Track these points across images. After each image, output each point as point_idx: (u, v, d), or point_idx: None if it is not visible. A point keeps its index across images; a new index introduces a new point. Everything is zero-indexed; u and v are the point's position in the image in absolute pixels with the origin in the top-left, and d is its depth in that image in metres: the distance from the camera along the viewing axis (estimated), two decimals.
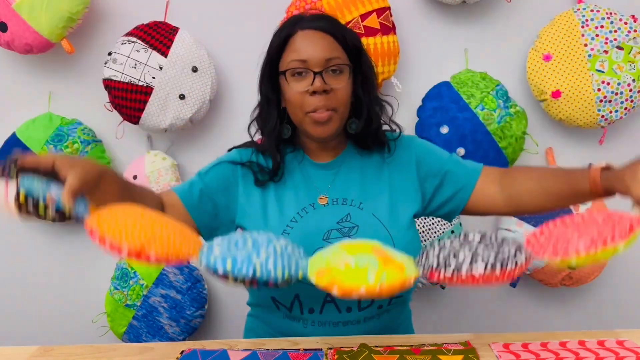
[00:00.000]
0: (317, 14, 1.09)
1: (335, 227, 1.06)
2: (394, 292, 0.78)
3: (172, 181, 1.67)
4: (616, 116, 1.62)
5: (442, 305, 1.85)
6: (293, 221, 1.06)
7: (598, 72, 1.58)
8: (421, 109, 1.66)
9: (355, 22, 1.56)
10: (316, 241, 1.03)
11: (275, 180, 1.10)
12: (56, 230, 1.81)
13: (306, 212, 1.07)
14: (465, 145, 1.58)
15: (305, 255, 0.86)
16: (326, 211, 1.08)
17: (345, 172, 1.12)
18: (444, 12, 1.70)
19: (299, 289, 1.02)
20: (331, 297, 1.03)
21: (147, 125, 1.61)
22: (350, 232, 1.05)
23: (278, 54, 1.06)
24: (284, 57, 1.05)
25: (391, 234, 1.05)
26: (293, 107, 1.05)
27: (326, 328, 1.05)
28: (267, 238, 0.85)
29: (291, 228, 1.05)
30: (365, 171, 1.12)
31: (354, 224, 1.06)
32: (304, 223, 1.06)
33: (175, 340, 1.67)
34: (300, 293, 1.04)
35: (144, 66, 1.56)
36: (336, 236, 1.04)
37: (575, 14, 1.61)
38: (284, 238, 0.88)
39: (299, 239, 1.01)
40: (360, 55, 1.08)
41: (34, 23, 1.54)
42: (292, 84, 1.03)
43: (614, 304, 1.85)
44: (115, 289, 1.70)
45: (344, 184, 1.11)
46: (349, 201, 1.09)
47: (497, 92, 1.61)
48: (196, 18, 1.69)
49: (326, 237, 1.04)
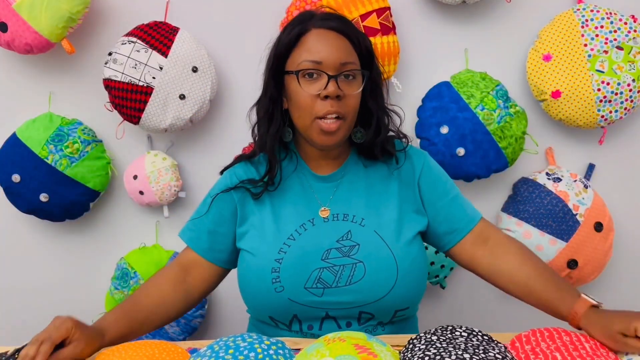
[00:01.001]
0: (331, 12, 1.04)
1: (335, 246, 1.01)
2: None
3: (172, 181, 1.67)
4: (616, 116, 1.62)
5: (442, 305, 1.85)
6: (290, 239, 1.02)
7: (598, 72, 1.58)
8: (421, 109, 1.66)
9: (355, 22, 1.56)
10: (314, 261, 1.00)
11: (271, 190, 1.05)
12: (56, 230, 1.81)
13: (305, 229, 1.03)
14: (465, 145, 1.59)
15: (290, 356, 0.84)
16: (326, 228, 1.03)
17: (348, 185, 1.07)
18: (444, 12, 1.70)
19: (296, 309, 1.00)
20: (330, 314, 1.01)
21: (147, 125, 1.61)
22: (350, 251, 1.00)
23: (287, 51, 1.00)
24: (294, 55, 0.99)
25: (393, 253, 1.01)
26: (301, 110, 0.99)
27: None
28: (249, 342, 0.83)
29: (288, 246, 1.01)
30: (371, 183, 1.07)
31: (354, 242, 1.01)
32: (302, 241, 1.01)
33: (175, 340, 1.67)
34: (298, 313, 1.01)
35: (144, 66, 1.56)
36: (335, 255, 1.00)
37: (575, 14, 1.61)
38: (267, 339, 0.85)
39: (297, 259, 1.00)
40: (372, 61, 1.04)
41: (34, 23, 1.54)
42: (303, 85, 0.98)
43: (614, 304, 1.84)
44: (115, 289, 1.70)
45: (346, 198, 1.06)
46: (350, 217, 1.04)
47: (497, 92, 1.61)
48: (196, 18, 1.69)
49: (325, 257, 1.00)
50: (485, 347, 0.82)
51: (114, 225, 1.81)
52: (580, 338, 0.87)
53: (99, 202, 1.78)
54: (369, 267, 0.99)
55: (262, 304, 1.03)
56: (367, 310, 1.01)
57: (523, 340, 0.87)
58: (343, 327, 1.02)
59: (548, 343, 0.84)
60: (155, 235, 1.79)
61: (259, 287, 1.01)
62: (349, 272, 0.99)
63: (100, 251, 1.82)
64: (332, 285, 0.99)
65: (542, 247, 1.63)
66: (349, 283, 0.99)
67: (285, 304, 1.00)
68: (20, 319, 1.86)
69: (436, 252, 1.63)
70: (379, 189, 1.07)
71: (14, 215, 1.77)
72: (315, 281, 0.99)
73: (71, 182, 1.64)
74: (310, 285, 0.99)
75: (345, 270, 0.99)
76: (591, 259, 1.65)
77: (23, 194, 1.65)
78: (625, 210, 1.78)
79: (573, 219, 1.63)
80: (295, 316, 1.02)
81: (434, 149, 1.61)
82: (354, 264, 0.99)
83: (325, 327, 1.02)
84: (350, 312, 1.01)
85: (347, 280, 0.99)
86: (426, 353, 0.81)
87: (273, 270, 1.00)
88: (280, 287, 1.00)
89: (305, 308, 1.00)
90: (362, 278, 0.99)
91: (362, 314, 1.02)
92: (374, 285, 0.99)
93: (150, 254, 1.72)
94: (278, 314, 1.02)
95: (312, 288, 0.99)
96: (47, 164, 1.63)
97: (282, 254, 1.01)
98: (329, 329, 1.01)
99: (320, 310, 1.00)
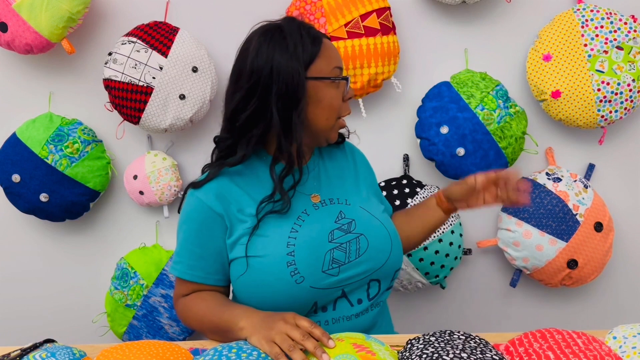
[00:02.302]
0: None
1: (335, 227, 1.06)
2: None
3: (172, 181, 1.67)
4: (616, 116, 1.62)
5: (442, 305, 1.85)
6: (293, 231, 1.04)
7: (598, 72, 1.58)
8: (421, 109, 1.66)
9: (355, 22, 1.56)
10: (323, 244, 1.04)
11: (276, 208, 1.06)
12: (56, 230, 1.81)
13: (303, 220, 1.06)
14: (465, 145, 1.59)
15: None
16: (320, 214, 1.08)
17: (324, 173, 1.15)
18: (444, 12, 1.70)
19: (318, 295, 1.02)
20: (345, 291, 1.05)
21: (147, 125, 1.61)
22: (350, 227, 1.07)
23: (312, 58, 1.04)
24: (318, 62, 1.04)
25: (381, 220, 1.12)
26: (330, 111, 1.06)
27: (340, 324, 1.05)
28: (248, 354, 0.83)
29: (294, 238, 1.03)
30: (337, 168, 1.18)
31: (350, 219, 1.08)
32: (305, 230, 1.05)
33: (175, 340, 1.67)
34: (318, 300, 1.03)
35: (144, 66, 1.56)
36: (339, 235, 1.05)
37: (575, 14, 1.61)
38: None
39: (308, 247, 1.03)
40: None
41: (34, 23, 1.54)
42: (332, 89, 1.06)
43: (614, 304, 1.85)
44: (115, 289, 1.70)
45: (326, 184, 1.14)
46: (335, 200, 1.11)
47: (497, 92, 1.61)
48: (196, 18, 1.69)
49: (331, 239, 1.05)
50: (483, 349, 0.84)
51: (114, 225, 1.81)
52: (572, 335, 0.87)
53: (99, 202, 1.78)
54: (369, 236, 1.08)
55: (284, 300, 1.03)
56: (375, 277, 1.08)
57: (516, 343, 0.88)
58: (355, 305, 1.06)
59: (541, 343, 0.85)
60: (155, 235, 1.79)
61: (278, 284, 1.02)
62: (355, 246, 1.06)
63: (100, 251, 1.82)
64: (345, 262, 1.04)
65: (542, 247, 1.63)
66: (358, 256, 1.06)
67: (308, 293, 1.02)
68: (20, 319, 1.86)
69: (436, 252, 1.63)
70: (345, 172, 1.18)
71: (14, 215, 1.77)
72: (330, 262, 1.03)
73: (71, 182, 1.64)
74: (326, 268, 1.03)
75: (352, 245, 1.06)
76: (591, 259, 1.65)
77: (23, 194, 1.65)
78: (625, 210, 1.78)
79: (573, 219, 1.63)
80: (316, 303, 1.04)
81: (434, 149, 1.61)
82: (357, 237, 1.07)
83: (339, 307, 1.05)
84: (361, 282, 1.07)
85: (356, 254, 1.06)
86: (424, 352, 0.82)
87: (288, 264, 1.01)
88: (301, 277, 1.01)
89: (326, 292, 1.03)
90: (367, 248, 1.07)
91: (371, 282, 1.09)
92: (377, 251, 1.08)
93: (150, 254, 1.72)
94: (300, 306, 1.03)
95: (329, 270, 1.03)
96: (47, 164, 1.63)
97: (291, 247, 1.02)
98: (342, 308, 1.06)
99: (337, 289, 1.04)
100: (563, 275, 1.66)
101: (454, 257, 1.67)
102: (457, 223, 1.69)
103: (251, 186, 1.08)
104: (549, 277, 1.67)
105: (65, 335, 1.84)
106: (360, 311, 1.07)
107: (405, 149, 1.76)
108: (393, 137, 1.75)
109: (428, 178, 1.77)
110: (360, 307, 1.07)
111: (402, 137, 1.75)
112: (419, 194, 1.66)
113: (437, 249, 1.64)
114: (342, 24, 1.56)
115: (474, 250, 1.79)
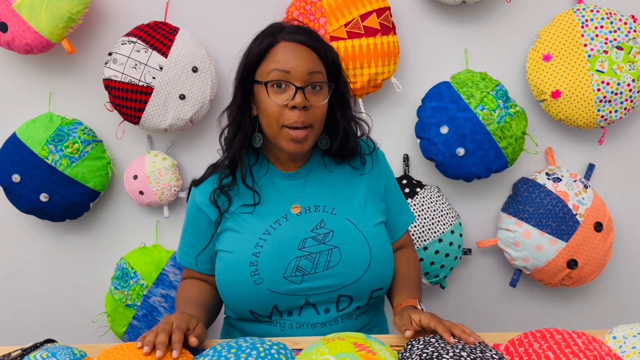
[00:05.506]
0: (300, 26, 1.10)
1: (310, 236, 1.06)
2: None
3: (172, 181, 1.67)
4: (616, 116, 1.62)
5: (442, 305, 1.85)
6: (266, 234, 1.06)
7: (598, 72, 1.58)
8: (421, 109, 1.66)
9: (355, 22, 1.56)
10: (291, 251, 1.04)
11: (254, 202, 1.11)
12: (56, 230, 1.81)
13: (279, 225, 1.07)
14: (465, 145, 1.59)
15: (291, 356, 0.87)
16: (299, 221, 1.08)
17: (315, 180, 1.13)
18: (444, 12, 1.70)
19: (276, 299, 1.04)
20: (310, 301, 1.05)
21: (147, 125, 1.61)
22: (325, 238, 1.05)
23: (257, 62, 1.05)
24: (263, 66, 1.04)
25: (365, 235, 1.07)
26: (269, 118, 1.04)
27: (304, 330, 1.06)
28: (251, 342, 0.86)
29: (264, 240, 1.05)
30: (337, 178, 1.14)
31: (328, 229, 1.06)
32: (278, 234, 1.06)
33: None
34: (278, 304, 1.05)
35: (144, 66, 1.56)
36: (311, 244, 1.05)
37: (575, 14, 1.61)
38: (268, 339, 0.89)
39: (274, 251, 1.04)
40: (339, 72, 1.10)
41: (34, 23, 1.54)
42: (271, 95, 1.03)
43: (614, 304, 1.85)
44: (115, 288, 1.71)
45: (315, 191, 1.12)
46: (321, 208, 1.10)
47: (497, 92, 1.61)
48: (196, 18, 1.69)
49: (301, 247, 1.05)
50: (483, 348, 0.85)
51: (114, 225, 1.81)
52: (572, 335, 0.87)
53: (99, 202, 1.78)
54: (344, 250, 1.05)
55: (242, 298, 1.06)
56: (345, 292, 1.06)
57: (516, 343, 0.88)
58: (322, 314, 1.06)
59: (540, 343, 0.85)
60: (155, 235, 1.79)
61: (238, 282, 1.05)
62: (325, 258, 1.04)
63: (100, 251, 1.82)
64: (311, 272, 1.03)
65: (542, 247, 1.63)
66: (326, 268, 1.04)
67: (265, 295, 1.04)
68: (20, 319, 1.86)
69: (436, 252, 1.64)
70: (345, 183, 1.14)
71: (14, 215, 1.77)
72: (294, 270, 1.03)
73: (71, 182, 1.64)
74: (289, 275, 1.03)
75: (322, 257, 1.04)
76: (591, 259, 1.66)
77: (23, 194, 1.65)
78: (625, 210, 1.78)
79: (573, 219, 1.63)
80: (276, 307, 1.05)
81: (434, 149, 1.61)
82: (330, 250, 1.05)
83: (305, 313, 1.05)
84: (329, 296, 1.05)
85: (324, 266, 1.04)
86: (424, 351, 0.83)
87: (251, 264, 1.04)
88: (260, 279, 1.03)
89: (285, 297, 1.04)
90: (339, 262, 1.04)
91: (340, 297, 1.06)
92: (350, 267, 1.05)
93: (150, 254, 1.72)
94: (259, 307, 1.05)
95: (291, 277, 1.03)
96: (47, 164, 1.63)
97: (258, 248, 1.05)
98: (308, 315, 1.05)
99: (300, 297, 1.04)
100: (563, 275, 1.66)
101: (454, 257, 1.67)
102: (457, 223, 1.69)
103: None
104: (549, 277, 1.68)
105: (65, 335, 1.83)
106: (327, 321, 1.06)
107: (405, 149, 1.76)
108: (393, 137, 1.75)
109: (428, 178, 1.77)
110: (327, 317, 1.06)
111: (402, 137, 1.75)
112: (419, 194, 1.67)
113: (437, 249, 1.64)
114: (342, 24, 1.56)
115: (474, 250, 1.79)
